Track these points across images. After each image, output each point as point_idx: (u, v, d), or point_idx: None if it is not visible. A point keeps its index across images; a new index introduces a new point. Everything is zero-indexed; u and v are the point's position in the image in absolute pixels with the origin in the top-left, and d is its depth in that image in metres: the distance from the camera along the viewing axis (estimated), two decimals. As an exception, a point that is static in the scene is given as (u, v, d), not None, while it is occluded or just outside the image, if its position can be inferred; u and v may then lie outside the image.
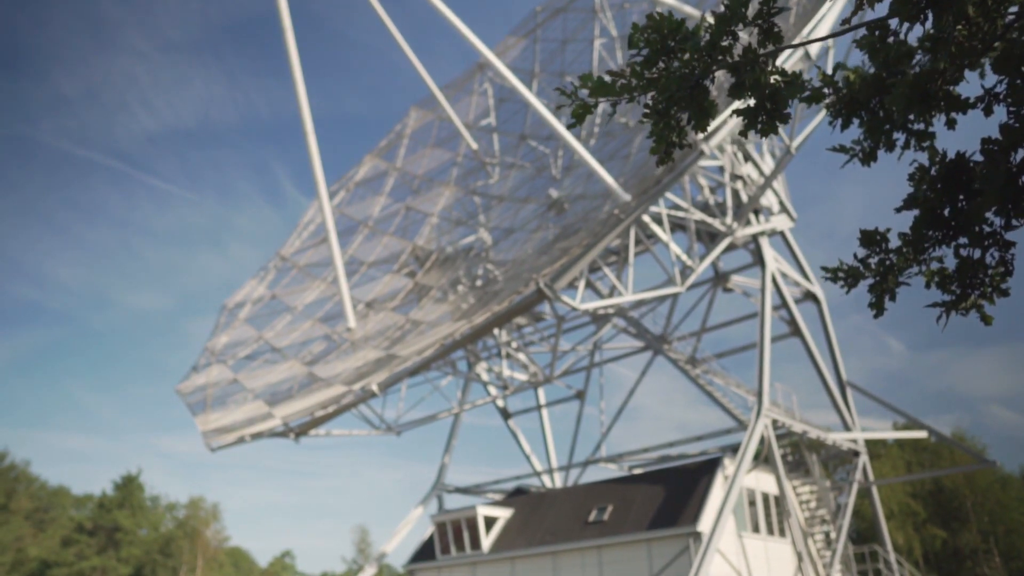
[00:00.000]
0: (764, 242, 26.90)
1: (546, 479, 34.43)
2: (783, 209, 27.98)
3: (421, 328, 26.71)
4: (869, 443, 39.28)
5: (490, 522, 27.96)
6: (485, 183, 35.40)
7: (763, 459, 24.48)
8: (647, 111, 3.45)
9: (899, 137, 3.69)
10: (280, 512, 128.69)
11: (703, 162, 23.36)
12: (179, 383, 30.78)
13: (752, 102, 3.43)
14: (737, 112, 3.50)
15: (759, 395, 23.84)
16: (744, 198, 25.68)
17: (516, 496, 31.34)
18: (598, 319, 30.70)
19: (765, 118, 3.46)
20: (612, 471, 31.74)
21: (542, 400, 36.05)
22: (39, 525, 67.31)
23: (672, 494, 24.17)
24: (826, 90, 3.71)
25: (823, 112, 23.92)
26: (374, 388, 21.83)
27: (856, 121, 3.71)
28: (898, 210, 3.77)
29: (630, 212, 19.74)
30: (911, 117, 3.50)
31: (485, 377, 32.00)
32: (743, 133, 3.75)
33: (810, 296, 29.48)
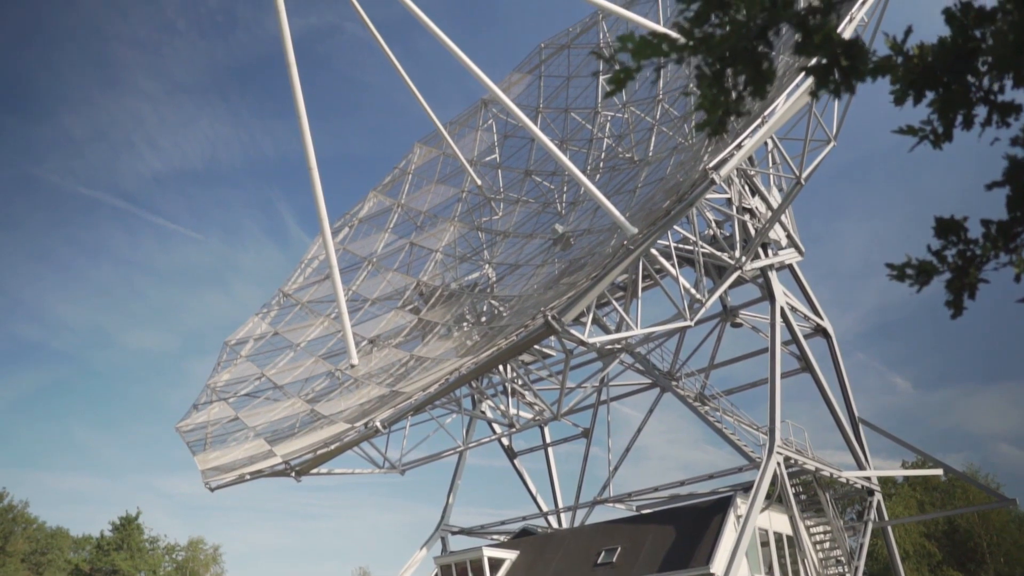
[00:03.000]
0: (773, 276, 26.55)
1: (552, 520, 33.73)
2: (791, 243, 27.66)
3: (425, 364, 26.28)
4: (880, 482, 38.62)
5: (496, 564, 27.26)
6: (489, 219, 35.18)
7: (776, 498, 23.88)
8: (698, 74, 3.04)
9: (978, 113, 3.28)
10: (281, 554, 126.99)
11: (709, 195, 23.10)
12: (179, 421, 30.29)
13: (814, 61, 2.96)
14: (807, 70, 3.08)
15: (771, 432, 23.33)
16: (752, 231, 25.37)
17: (522, 537, 30.65)
18: (604, 355, 30.24)
19: (840, 77, 3.03)
20: (620, 511, 31.06)
21: (548, 438, 35.47)
22: (36, 568, 66.23)
23: (683, 534, 23.54)
24: (897, 58, 3.25)
25: (831, 144, 23.75)
26: (378, 425, 21.35)
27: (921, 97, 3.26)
28: (989, 187, 3.36)
29: (639, 244, 19.41)
30: (995, 88, 3.10)
31: (490, 415, 31.50)
32: (814, 94, 3.24)
33: (820, 331, 29.05)
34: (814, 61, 3.01)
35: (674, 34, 3.00)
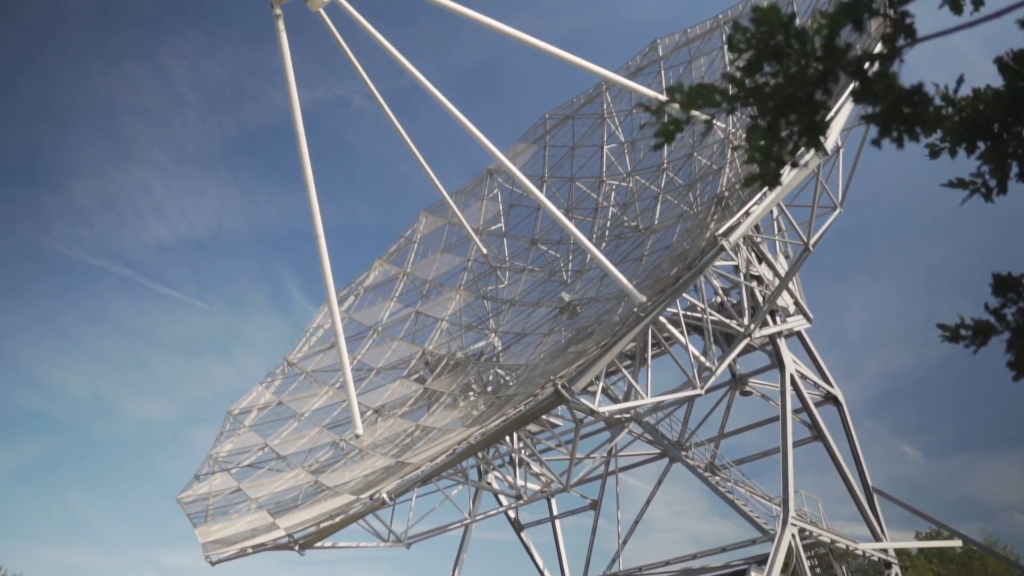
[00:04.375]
0: (781, 343, 26.36)
1: (560, 595, 32.87)
2: (799, 309, 27.54)
3: (431, 435, 25.93)
4: (895, 554, 37.74)
5: (503, 641, 26.48)
6: (495, 288, 35.16)
7: (791, 572, 23.27)
8: (752, 126, 2.94)
9: None
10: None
11: (716, 262, 23.07)
12: (180, 492, 29.78)
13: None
14: (868, 118, 2.97)
15: (784, 503, 22.87)
16: (760, 299, 25.26)
17: (530, 613, 29.82)
18: (612, 425, 29.86)
19: (903, 126, 2.91)
20: (630, 586, 30.27)
21: (555, 510, 34.80)
22: (30, 646, 64.59)
23: (696, 610, 22.89)
24: (947, 109, 3.14)
25: (837, 211, 23.79)
26: (384, 497, 20.94)
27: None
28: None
29: (650, 311, 19.29)
30: None
31: (496, 486, 30.95)
32: (876, 143, 3.12)
33: (830, 399, 28.72)
34: (873, 109, 2.90)
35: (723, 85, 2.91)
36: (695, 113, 3.03)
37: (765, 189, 19.41)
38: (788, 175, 19.56)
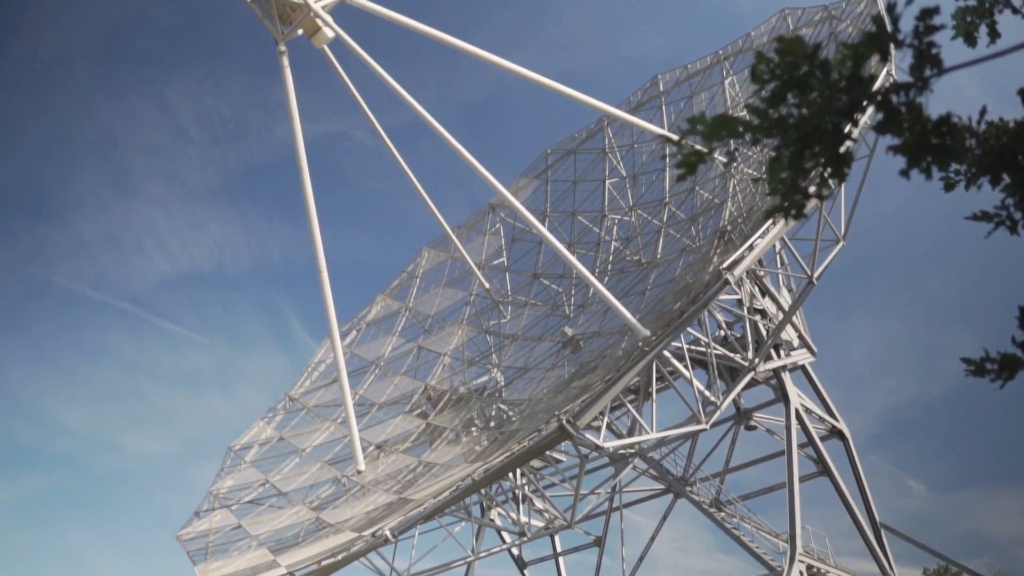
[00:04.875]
0: (786, 377, 26.23)
1: (564, 633, 32.40)
2: (803, 343, 27.42)
3: (434, 471, 25.71)
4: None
5: None
6: (498, 322, 35.10)
7: (799, 609, 22.95)
8: (775, 157, 2.90)
9: None
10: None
11: (720, 296, 23.01)
12: (180, 529, 29.48)
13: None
14: (895, 149, 2.93)
15: (791, 539, 22.61)
16: (764, 332, 25.17)
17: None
18: (616, 460, 29.62)
19: (932, 157, 2.87)
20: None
21: (559, 547, 34.41)
22: None
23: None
24: (970, 141, 3.10)
25: (840, 244, 23.79)
26: (387, 534, 20.69)
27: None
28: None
29: (655, 345, 19.20)
30: None
31: (499, 523, 30.63)
32: (904, 173, 3.05)
33: (835, 433, 28.51)
34: (901, 141, 2.85)
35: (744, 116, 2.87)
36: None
37: (769, 223, 19.42)
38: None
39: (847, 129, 2.84)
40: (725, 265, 19.32)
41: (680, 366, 21.67)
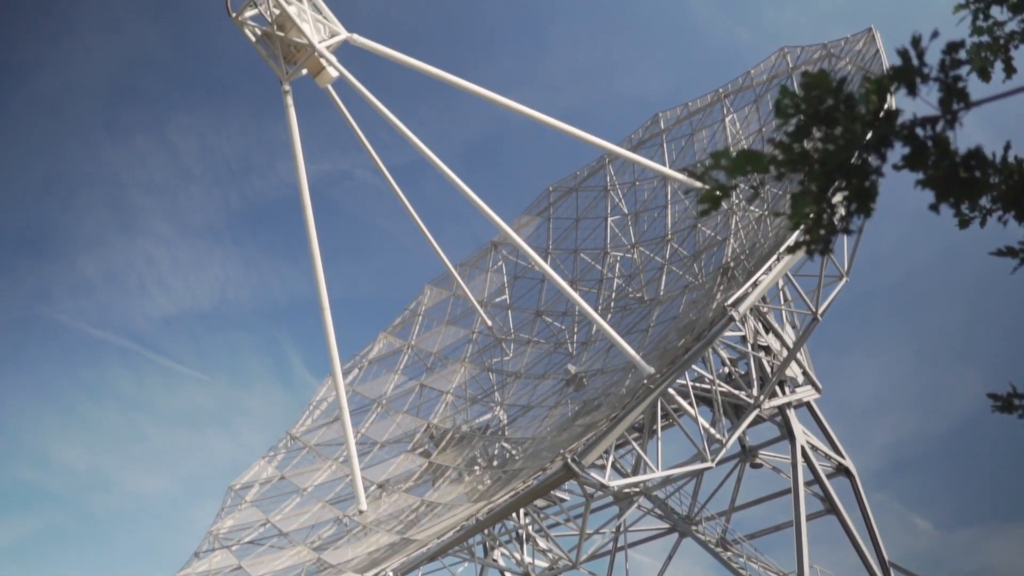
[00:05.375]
0: (791, 414, 26.05)
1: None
2: (808, 379, 27.27)
3: (437, 510, 25.46)
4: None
5: None
6: (501, 360, 34.98)
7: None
8: (799, 192, 2.86)
9: None
10: None
11: (725, 332, 22.94)
12: (179, 570, 29.13)
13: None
14: (923, 184, 2.89)
15: (799, 579, 22.29)
16: (768, 369, 25.04)
17: None
18: (621, 499, 29.35)
19: (960, 189, 2.83)
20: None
21: (562, 588, 33.96)
22: None
23: None
24: (993, 177, 3.06)
25: (844, 280, 23.75)
26: (390, 575, 20.44)
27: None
28: None
29: (660, 383, 19.09)
30: None
31: (503, 563, 30.28)
32: (934, 207, 3.00)
33: (842, 470, 28.23)
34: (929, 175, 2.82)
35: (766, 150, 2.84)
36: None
37: (773, 259, 19.41)
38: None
39: (875, 164, 2.81)
40: (730, 302, 19.28)
41: (685, 403, 21.54)
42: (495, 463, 28.72)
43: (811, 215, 2.84)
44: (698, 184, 3.00)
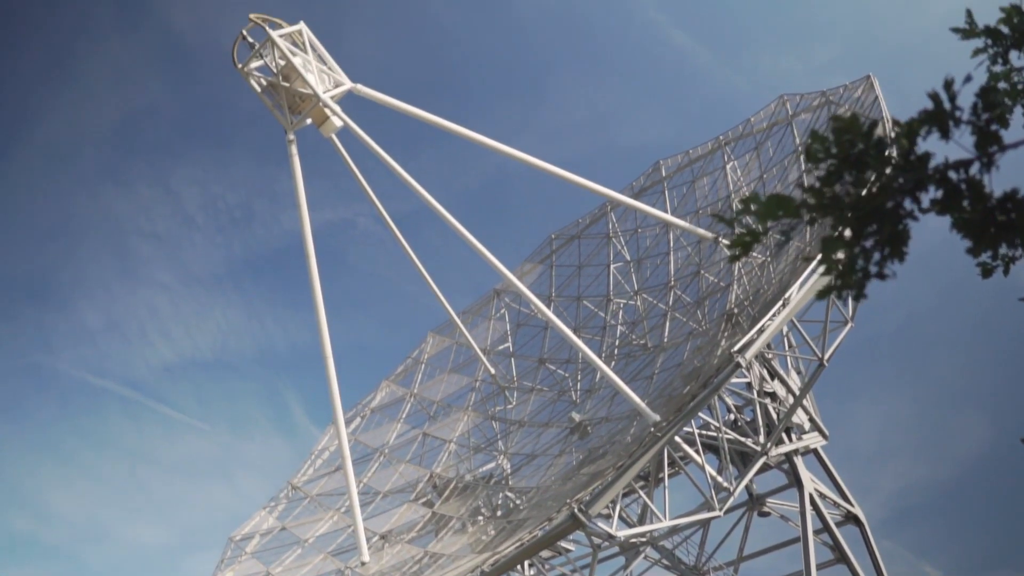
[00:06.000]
0: (799, 461, 25.79)
1: None
2: (815, 426, 27.03)
3: (440, 562, 25.09)
4: None
5: None
6: (504, 408, 34.75)
7: None
8: (830, 237, 2.82)
9: None
10: None
11: (730, 379, 22.80)
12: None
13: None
14: (957, 227, 2.84)
15: (811, 631, 21.85)
16: (774, 415, 24.84)
17: None
18: (627, 550, 28.91)
19: (994, 231, 2.79)
20: None
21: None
22: None
23: None
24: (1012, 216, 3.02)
25: (848, 325, 23.67)
26: (393, 629, 20.09)
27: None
28: None
29: (667, 430, 18.92)
30: None
31: (507, 616, 29.74)
32: (972, 251, 2.94)
33: (851, 518, 27.86)
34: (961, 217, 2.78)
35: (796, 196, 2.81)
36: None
37: (777, 306, 19.35)
38: (801, 291, 19.56)
39: (909, 208, 2.78)
40: (736, 348, 19.18)
41: (691, 451, 21.34)
42: (499, 513, 28.37)
43: (841, 260, 2.81)
44: (702, 232, 2.97)
